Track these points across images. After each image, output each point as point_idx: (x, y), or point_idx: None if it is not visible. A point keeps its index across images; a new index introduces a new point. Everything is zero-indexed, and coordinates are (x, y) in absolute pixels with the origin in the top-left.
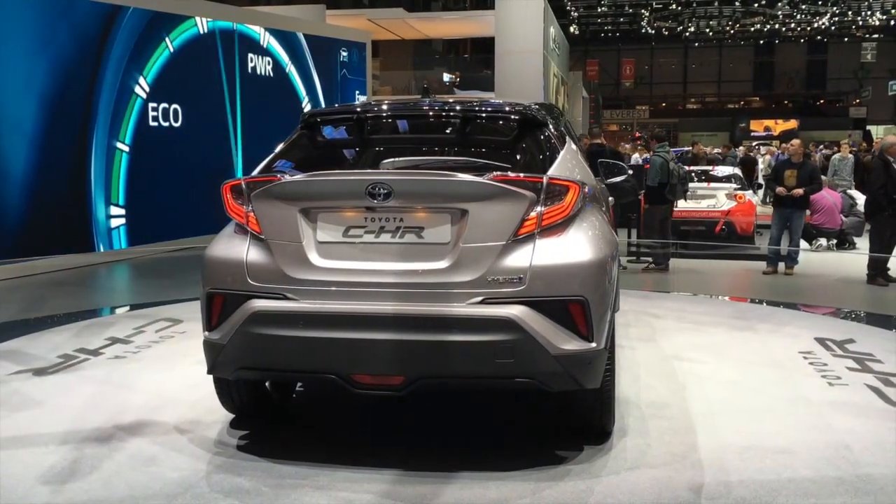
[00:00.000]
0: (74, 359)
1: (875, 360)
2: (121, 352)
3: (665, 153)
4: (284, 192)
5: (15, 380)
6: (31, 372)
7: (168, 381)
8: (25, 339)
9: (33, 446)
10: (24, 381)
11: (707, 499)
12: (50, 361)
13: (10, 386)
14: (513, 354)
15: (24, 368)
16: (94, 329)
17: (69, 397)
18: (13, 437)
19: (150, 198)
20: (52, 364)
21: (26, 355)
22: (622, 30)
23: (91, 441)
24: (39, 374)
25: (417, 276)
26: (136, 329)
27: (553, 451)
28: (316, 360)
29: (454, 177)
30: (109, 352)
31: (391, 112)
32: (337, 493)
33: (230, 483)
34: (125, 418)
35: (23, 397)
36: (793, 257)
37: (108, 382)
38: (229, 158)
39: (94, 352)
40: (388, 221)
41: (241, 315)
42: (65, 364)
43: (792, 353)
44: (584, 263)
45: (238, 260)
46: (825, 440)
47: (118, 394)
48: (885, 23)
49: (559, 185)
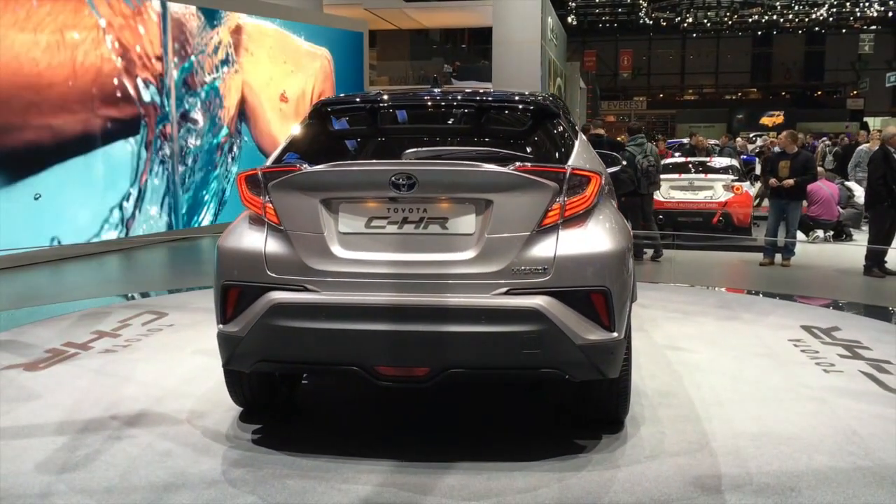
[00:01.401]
0: (64, 353)
1: (863, 346)
2: (110, 345)
3: (636, 146)
4: (306, 182)
5: (6, 375)
6: (21, 367)
7: (166, 374)
8: (7, 333)
9: (35, 439)
10: (17, 376)
11: (732, 487)
12: (39, 356)
13: (3, 380)
14: (539, 345)
15: (13, 363)
16: (78, 322)
17: (67, 391)
18: (21, 435)
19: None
20: (42, 358)
21: (11, 350)
22: (620, 20)
23: (101, 436)
24: (31, 368)
25: (442, 266)
26: (122, 322)
27: (572, 441)
28: (339, 352)
29: (480, 167)
30: (99, 345)
31: (405, 102)
32: (363, 486)
33: (253, 477)
34: (128, 411)
35: (19, 391)
36: (789, 249)
37: (106, 376)
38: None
39: (82, 346)
40: (412, 212)
41: (260, 307)
42: (55, 358)
43: (782, 341)
44: (606, 253)
45: (256, 252)
46: (833, 426)
47: (117, 387)
48: (883, 14)
49: (581, 175)
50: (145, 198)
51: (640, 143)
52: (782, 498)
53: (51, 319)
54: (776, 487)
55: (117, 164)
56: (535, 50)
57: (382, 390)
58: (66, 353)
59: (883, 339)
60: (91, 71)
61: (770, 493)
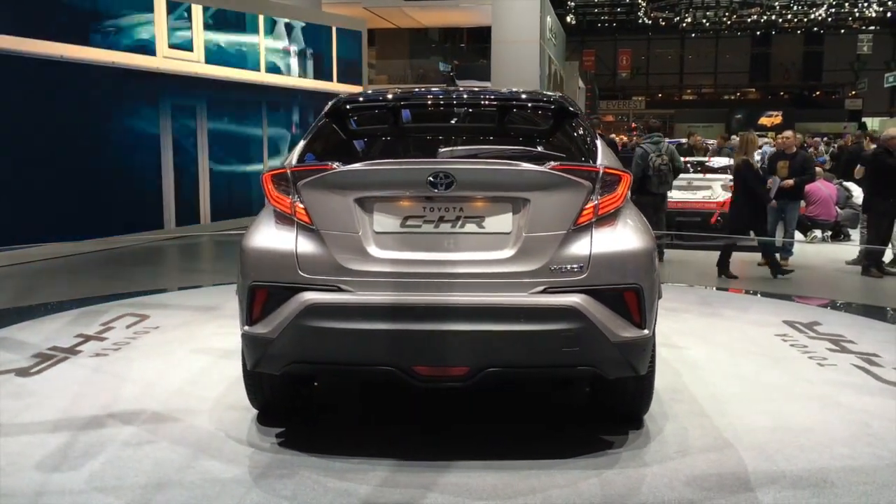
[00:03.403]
0: (52, 357)
1: (848, 340)
2: (99, 349)
3: (650, 144)
4: (340, 181)
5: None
6: (12, 373)
7: (169, 377)
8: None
9: (31, 437)
10: (9, 381)
11: (768, 482)
12: (28, 361)
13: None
14: (577, 343)
15: (2, 370)
16: (57, 326)
17: (62, 395)
18: (14, 433)
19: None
20: (32, 364)
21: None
22: (619, 20)
23: (95, 436)
24: (22, 374)
25: (480, 265)
26: (104, 325)
27: (599, 438)
28: (376, 352)
29: (519, 166)
30: (87, 349)
31: (426, 100)
32: (405, 489)
33: (291, 482)
34: (123, 412)
35: (18, 397)
36: (787, 249)
37: (100, 378)
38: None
39: (70, 350)
40: (448, 211)
41: (293, 308)
42: (45, 363)
43: (769, 337)
44: (638, 251)
45: (286, 252)
46: (843, 419)
47: (113, 390)
48: (882, 14)
49: (613, 174)
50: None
51: (657, 142)
52: (819, 490)
53: (28, 322)
54: (809, 480)
55: None
56: (534, 49)
57: (423, 394)
58: (55, 357)
59: (865, 333)
60: None
61: (805, 486)
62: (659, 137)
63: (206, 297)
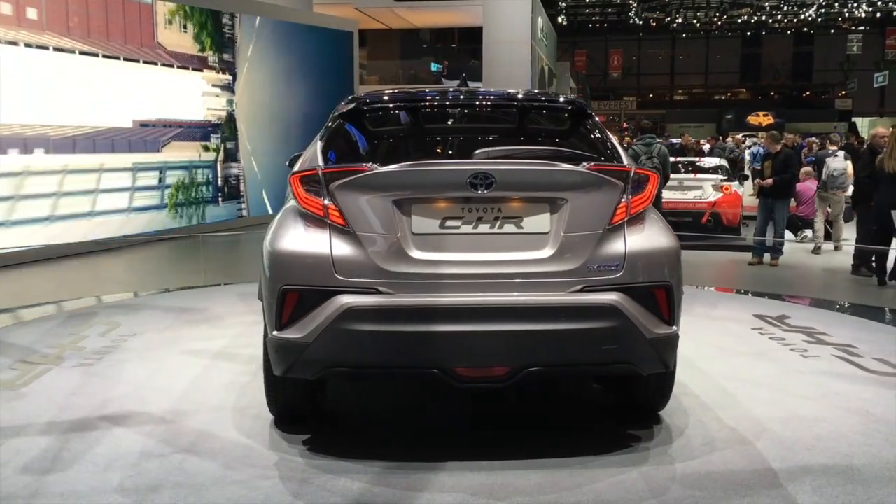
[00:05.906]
0: (36, 366)
1: (821, 332)
2: (82, 359)
3: (641, 146)
4: (378, 182)
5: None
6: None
7: (169, 386)
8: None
9: (23, 439)
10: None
11: (800, 472)
12: (8, 373)
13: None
14: (616, 340)
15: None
16: (24, 335)
17: (53, 403)
18: (7, 435)
19: None
20: (14, 376)
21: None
22: (610, 20)
23: (86, 438)
24: (10, 387)
25: (519, 265)
26: (76, 334)
27: (626, 432)
28: (417, 355)
29: (558, 166)
30: (69, 358)
31: (445, 101)
32: (454, 494)
33: (336, 485)
34: (114, 414)
35: (17, 411)
36: (777, 248)
37: (92, 382)
38: None
39: (54, 359)
40: (486, 212)
41: (330, 312)
42: (29, 374)
43: (747, 330)
44: (668, 250)
45: (321, 254)
46: (846, 407)
47: (127, 402)
48: (871, 15)
49: (642, 174)
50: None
51: (648, 144)
52: (849, 477)
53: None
54: (837, 468)
55: None
56: (525, 50)
57: (464, 396)
58: (39, 365)
59: (834, 325)
60: None
61: (834, 474)
62: (651, 139)
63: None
